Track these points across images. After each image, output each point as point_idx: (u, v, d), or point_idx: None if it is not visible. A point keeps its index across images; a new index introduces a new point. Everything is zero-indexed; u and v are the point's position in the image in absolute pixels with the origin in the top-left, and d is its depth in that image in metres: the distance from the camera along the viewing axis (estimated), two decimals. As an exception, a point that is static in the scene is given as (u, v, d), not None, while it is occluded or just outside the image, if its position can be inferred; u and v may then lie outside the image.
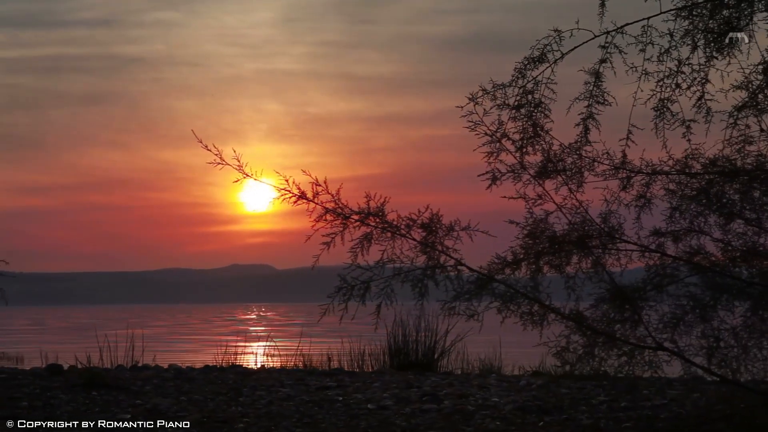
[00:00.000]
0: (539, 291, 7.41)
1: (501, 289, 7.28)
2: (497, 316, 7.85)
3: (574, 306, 7.53)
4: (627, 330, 7.32)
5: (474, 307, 7.28)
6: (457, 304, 7.22)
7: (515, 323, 7.77)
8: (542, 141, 7.54)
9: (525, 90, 7.49)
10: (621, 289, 7.40)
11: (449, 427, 9.13)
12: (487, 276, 7.12)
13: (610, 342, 7.30)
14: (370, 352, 15.92)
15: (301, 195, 7.19)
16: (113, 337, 15.79)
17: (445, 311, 7.26)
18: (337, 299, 7.30)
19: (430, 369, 15.21)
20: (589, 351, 7.36)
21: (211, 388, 11.82)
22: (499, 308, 7.33)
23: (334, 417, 9.69)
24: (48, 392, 11.11)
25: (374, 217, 7.08)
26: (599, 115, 7.55)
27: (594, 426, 8.92)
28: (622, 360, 7.41)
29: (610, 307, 7.40)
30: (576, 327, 7.28)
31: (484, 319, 7.94)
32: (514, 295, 7.26)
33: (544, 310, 7.29)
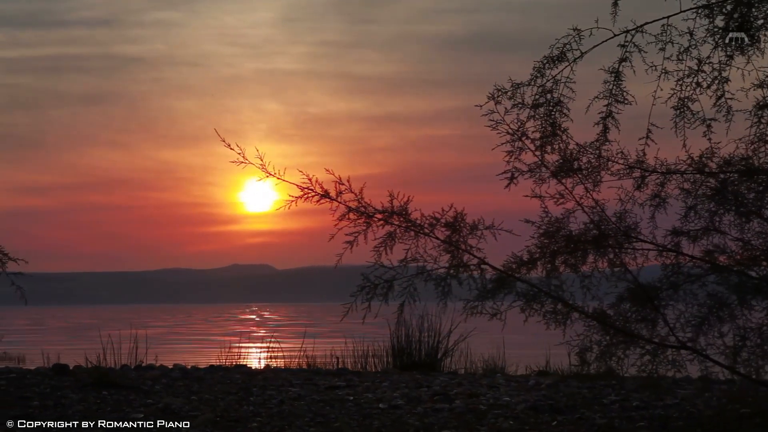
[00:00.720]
0: (563, 290, 7.40)
1: (524, 288, 7.26)
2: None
3: (598, 305, 7.51)
4: (650, 329, 7.30)
5: (497, 306, 7.26)
6: (479, 303, 7.21)
7: (537, 322, 7.75)
8: (561, 140, 7.53)
9: (544, 89, 7.48)
10: (644, 288, 7.38)
11: (463, 426, 9.12)
12: (510, 275, 7.11)
13: (632, 341, 7.29)
14: (373, 353, 15.92)
15: (325, 194, 7.17)
16: (115, 337, 15.77)
17: (467, 310, 7.24)
18: (360, 298, 7.28)
19: (433, 369, 15.22)
20: (612, 350, 7.34)
21: (220, 388, 11.81)
22: (522, 307, 7.32)
23: (347, 416, 9.68)
24: (58, 391, 11.11)
25: (398, 216, 7.06)
26: (619, 114, 7.53)
27: (608, 425, 8.91)
28: (645, 359, 7.40)
29: (631, 305, 7.39)
30: (600, 326, 7.26)
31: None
32: (537, 294, 7.25)
33: (567, 309, 7.28)
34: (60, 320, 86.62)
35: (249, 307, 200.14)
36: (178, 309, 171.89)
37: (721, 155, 8.03)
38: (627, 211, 8.07)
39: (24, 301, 9.44)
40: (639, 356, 7.47)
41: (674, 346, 7.40)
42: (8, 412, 9.70)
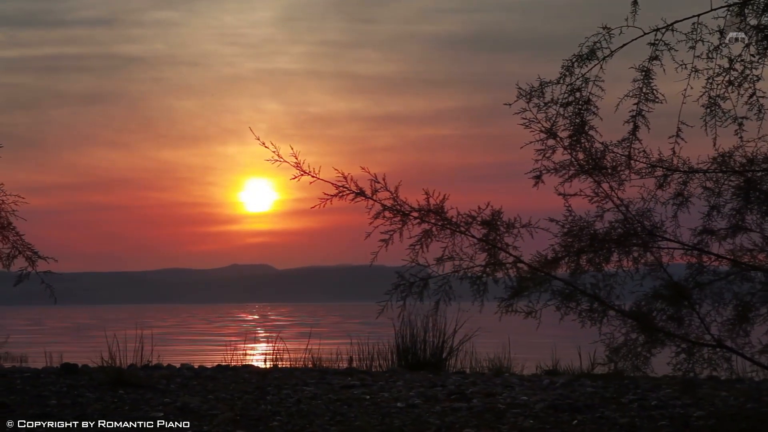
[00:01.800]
0: (599, 288, 7.39)
1: (560, 287, 7.25)
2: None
3: (633, 304, 7.50)
4: (685, 327, 7.29)
5: (532, 304, 7.26)
6: (514, 302, 7.20)
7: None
8: (589, 139, 7.52)
9: (573, 88, 7.48)
10: (679, 286, 7.38)
11: (483, 425, 9.11)
12: (547, 274, 7.10)
13: (668, 339, 7.27)
14: (378, 352, 15.91)
15: (360, 192, 7.16)
16: (118, 337, 15.75)
17: (502, 309, 7.23)
18: (395, 297, 7.27)
19: (439, 369, 15.22)
20: (648, 348, 7.33)
21: (235, 387, 11.81)
22: (558, 306, 7.31)
23: (366, 415, 9.67)
24: (74, 390, 11.10)
25: (434, 214, 7.05)
26: (649, 112, 7.52)
27: (630, 425, 8.90)
28: (680, 357, 7.38)
29: (665, 304, 7.38)
30: (637, 324, 7.25)
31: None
32: (573, 292, 7.24)
33: (604, 308, 7.27)
34: (60, 320, 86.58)
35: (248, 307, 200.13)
36: (178, 309, 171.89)
37: (744, 153, 8.02)
38: (649, 210, 8.06)
39: (53, 299, 9.43)
40: (675, 354, 7.45)
41: (710, 344, 7.38)
42: (26, 411, 9.70)
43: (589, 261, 7.64)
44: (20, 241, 9.37)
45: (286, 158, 7.11)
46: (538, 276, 7.15)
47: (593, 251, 7.58)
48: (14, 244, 9.38)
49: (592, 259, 7.62)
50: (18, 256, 9.39)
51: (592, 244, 7.57)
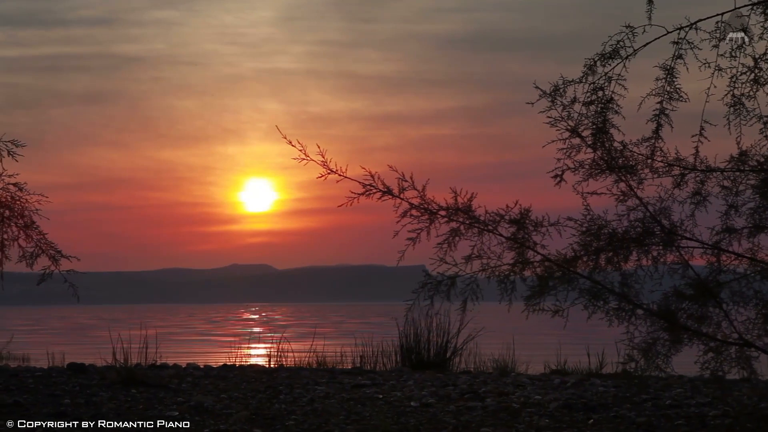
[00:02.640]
0: (628, 287, 7.38)
1: (588, 285, 7.25)
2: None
3: (662, 303, 7.48)
4: (714, 326, 7.29)
5: (560, 303, 7.25)
6: (541, 301, 7.19)
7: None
8: (609, 137, 7.51)
9: (595, 86, 7.47)
10: (705, 284, 7.37)
11: (500, 424, 9.11)
12: (575, 272, 7.09)
13: (696, 338, 7.26)
14: (381, 351, 15.91)
15: (387, 190, 7.15)
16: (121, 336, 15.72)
17: (529, 308, 7.22)
18: (423, 295, 7.25)
19: (443, 368, 15.22)
20: (675, 347, 7.32)
21: (247, 386, 11.81)
22: (586, 304, 7.30)
23: (381, 414, 9.67)
24: (87, 390, 11.09)
25: (462, 212, 7.03)
26: (673, 111, 7.51)
27: (648, 424, 8.89)
28: (708, 356, 7.37)
29: (692, 302, 7.37)
30: (665, 323, 7.23)
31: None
32: (601, 291, 7.23)
33: (632, 307, 7.26)
34: (60, 320, 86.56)
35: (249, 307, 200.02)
36: (178, 309, 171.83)
37: (759, 151, 8.01)
38: (666, 209, 8.05)
39: (76, 298, 9.43)
40: (702, 353, 7.44)
41: (738, 343, 7.37)
42: (41, 410, 9.69)
43: (608, 260, 7.64)
44: (44, 240, 9.37)
45: (313, 157, 7.09)
46: (568, 274, 7.13)
47: (613, 250, 7.57)
48: (38, 243, 9.37)
49: (611, 258, 7.62)
50: (41, 255, 9.38)
51: (612, 243, 7.56)
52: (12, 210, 9.19)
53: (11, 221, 9.18)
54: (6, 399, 10.11)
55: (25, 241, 9.33)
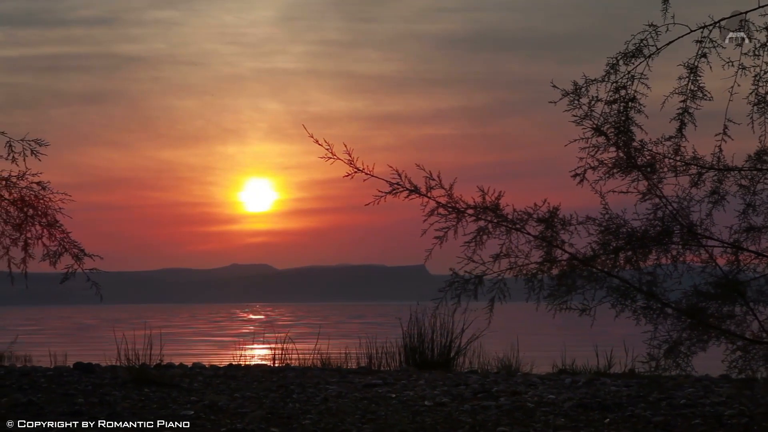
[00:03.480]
0: (656, 285, 7.37)
1: (615, 284, 7.24)
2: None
3: (691, 301, 7.46)
4: (741, 325, 7.27)
5: (587, 302, 7.24)
6: (568, 299, 7.18)
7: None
8: (631, 136, 7.50)
9: (617, 85, 7.46)
10: (734, 283, 7.36)
11: (516, 423, 9.10)
12: (602, 270, 7.08)
13: (723, 336, 7.25)
14: (384, 351, 15.91)
15: (414, 189, 7.13)
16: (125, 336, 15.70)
17: (555, 306, 7.21)
18: (450, 294, 7.23)
19: (447, 368, 15.22)
20: (701, 346, 7.31)
21: (258, 386, 11.80)
22: (614, 303, 7.29)
23: (396, 413, 9.66)
24: (100, 389, 11.08)
25: (490, 211, 7.02)
26: (698, 110, 7.50)
27: (665, 423, 8.88)
28: (736, 355, 7.36)
29: (719, 300, 7.35)
30: (694, 322, 7.22)
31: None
32: (629, 289, 7.22)
33: (660, 305, 7.24)
34: (60, 320, 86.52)
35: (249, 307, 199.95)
36: (178, 309, 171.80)
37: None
38: (686, 208, 8.04)
39: (99, 297, 9.42)
40: (730, 352, 7.43)
41: (766, 342, 7.35)
42: (56, 409, 9.68)
43: (627, 259, 7.63)
44: (67, 239, 9.37)
45: (340, 155, 7.08)
46: (596, 273, 7.12)
47: (632, 249, 7.55)
48: (61, 242, 9.37)
49: (630, 257, 7.60)
50: (64, 253, 9.37)
51: (630, 242, 7.55)
52: (35, 209, 9.19)
53: (35, 220, 9.18)
54: (20, 398, 10.11)
55: (48, 239, 9.32)
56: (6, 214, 9.19)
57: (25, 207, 9.16)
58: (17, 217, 9.21)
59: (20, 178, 9.15)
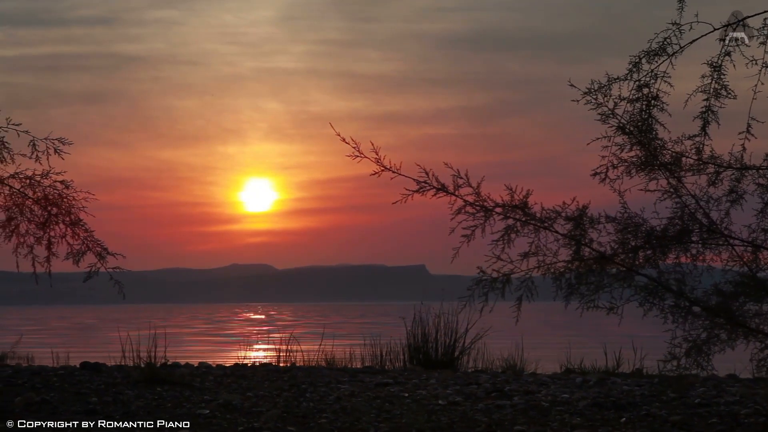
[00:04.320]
0: (685, 284, 7.37)
1: (643, 282, 7.23)
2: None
3: (720, 300, 7.45)
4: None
5: (615, 300, 7.23)
6: (596, 297, 7.17)
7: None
8: (657, 135, 7.49)
9: (640, 84, 7.45)
10: (762, 281, 7.35)
11: (532, 422, 9.09)
12: (632, 269, 7.06)
13: (752, 335, 7.24)
14: (387, 351, 15.91)
15: (441, 187, 7.13)
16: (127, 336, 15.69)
17: (584, 305, 7.20)
18: (477, 292, 7.22)
19: (451, 367, 15.23)
20: (730, 345, 7.31)
21: (270, 385, 11.80)
22: (641, 301, 7.28)
23: (411, 412, 9.66)
24: (113, 388, 11.08)
25: (518, 209, 7.02)
26: (722, 108, 7.49)
27: (683, 422, 8.88)
28: (765, 353, 7.36)
29: (748, 299, 7.34)
30: (722, 321, 7.21)
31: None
32: (657, 288, 7.21)
33: (688, 304, 7.23)
34: (61, 320, 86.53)
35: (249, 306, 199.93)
36: (178, 309, 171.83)
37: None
38: (700, 207, 8.04)
39: (122, 295, 9.42)
40: (759, 351, 7.42)
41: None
42: (69, 408, 9.68)
43: (646, 258, 7.62)
44: (90, 238, 9.36)
45: (367, 154, 7.08)
46: (624, 272, 7.11)
47: (653, 247, 7.55)
48: (84, 241, 9.36)
49: (650, 256, 7.60)
50: (87, 252, 9.37)
51: (649, 241, 7.54)
52: (59, 207, 9.20)
53: (59, 219, 9.18)
54: (33, 397, 10.10)
55: (72, 238, 9.31)
56: (30, 213, 9.20)
57: (49, 206, 9.16)
58: (41, 215, 9.21)
59: (44, 177, 9.18)
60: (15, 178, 9.37)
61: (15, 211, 9.17)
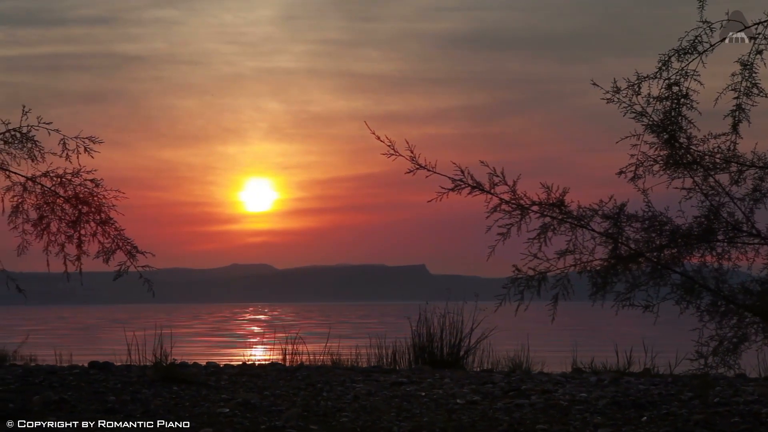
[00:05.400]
0: (723, 282, 7.35)
1: (680, 281, 7.22)
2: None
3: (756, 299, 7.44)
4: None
5: (651, 298, 7.22)
6: (632, 295, 7.16)
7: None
8: (686, 133, 7.49)
9: (670, 82, 7.44)
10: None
11: (554, 421, 9.08)
12: (668, 268, 7.05)
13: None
14: (395, 350, 15.91)
15: (477, 185, 7.11)
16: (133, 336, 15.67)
17: (619, 303, 7.19)
18: (513, 291, 7.20)
19: (456, 366, 15.22)
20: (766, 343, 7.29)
21: (285, 384, 11.78)
22: (678, 300, 7.27)
23: (430, 411, 9.65)
24: (129, 387, 11.07)
25: (555, 207, 7.00)
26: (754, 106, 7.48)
27: (706, 421, 8.86)
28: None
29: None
30: (762, 320, 7.19)
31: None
32: (694, 286, 7.20)
33: (725, 303, 7.21)
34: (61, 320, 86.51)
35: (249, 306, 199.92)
36: (178, 309, 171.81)
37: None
38: (723, 205, 8.03)
39: (152, 293, 9.41)
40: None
41: None
42: (89, 407, 9.66)
43: (671, 256, 7.61)
44: (120, 236, 9.36)
45: (402, 152, 7.06)
46: (658, 269, 7.10)
47: (677, 246, 7.54)
48: (114, 239, 9.35)
49: (675, 254, 7.58)
50: (117, 250, 9.36)
51: (675, 239, 7.53)
52: (90, 206, 9.18)
53: (89, 217, 9.17)
54: (51, 396, 10.09)
55: (102, 236, 9.30)
56: (61, 212, 9.18)
57: (79, 204, 9.15)
58: (72, 214, 9.20)
59: (75, 175, 9.16)
60: (46, 176, 9.38)
61: (46, 209, 9.16)
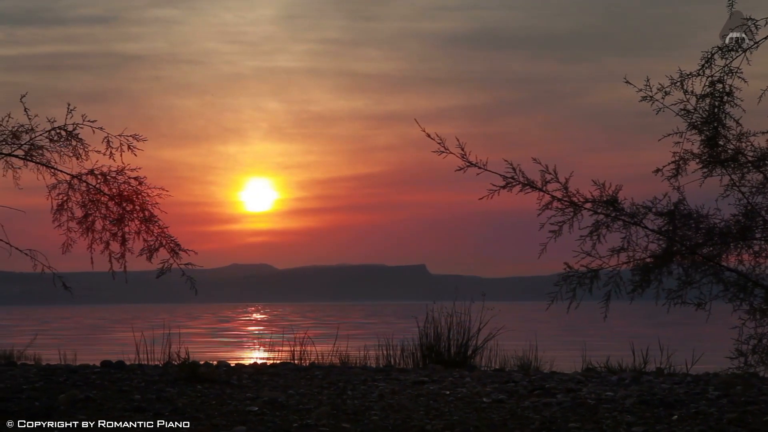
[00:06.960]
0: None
1: (733, 278, 7.20)
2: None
3: None
4: None
5: (704, 296, 7.21)
6: (684, 293, 7.14)
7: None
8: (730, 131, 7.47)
9: (712, 80, 7.43)
10: None
11: (584, 420, 9.06)
12: (720, 265, 7.03)
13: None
14: (402, 350, 15.91)
15: (528, 182, 7.10)
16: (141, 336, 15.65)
17: (671, 300, 7.17)
18: (564, 288, 7.18)
19: (463, 366, 15.22)
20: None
21: (307, 383, 11.77)
22: (730, 298, 7.25)
23: (459, 410, 9.63)
24: (154, 386, 11.06)
25: (608, 205, 6.99)
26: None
27: (738, 420, 8.85)
28: None
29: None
30: None
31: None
32: (746, 285, 7.18)
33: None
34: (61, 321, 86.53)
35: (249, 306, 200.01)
36: (178, 309, 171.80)
37: None
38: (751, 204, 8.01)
39: (194, 291, 9.41)
40: None
41: None
42: (116, 405, 9.65)
43: (706, 255, 7.59)
44: (163, 234, 9.35)
45: (452, 149, 7.04)
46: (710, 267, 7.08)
47: (712, 245, 7.52)
48: (158, 237, 9.35)
49: (710, 253, 7.57)
50: (160, 248, 9.37)
51: (711, 238, 7.51)
52: (133, 204, 9.18)
53: (133, 215, 9.17)
54: (77, 394, 10.07)
55: (146, 234, 9.30)
56: (105, 209, 9.18)
57: (123, 202, 9.15)
58: (116, 212, 9.19)
59: (119, 174, 9.16)
60: (91, 174, 9.36)
61: (91, 207, 9.15)
